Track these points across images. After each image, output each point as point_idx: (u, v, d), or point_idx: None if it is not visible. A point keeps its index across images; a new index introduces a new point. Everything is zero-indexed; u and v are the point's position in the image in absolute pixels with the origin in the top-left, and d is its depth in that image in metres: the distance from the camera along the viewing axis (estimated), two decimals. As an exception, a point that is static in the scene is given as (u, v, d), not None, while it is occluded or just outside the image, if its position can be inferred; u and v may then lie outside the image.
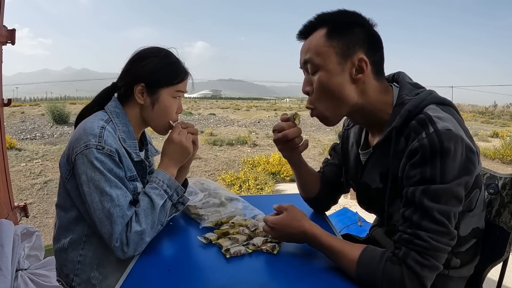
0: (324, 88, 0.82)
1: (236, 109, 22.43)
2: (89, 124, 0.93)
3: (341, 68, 0.81)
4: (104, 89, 1.07)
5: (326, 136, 10.54)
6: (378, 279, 0.72)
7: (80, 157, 0.89)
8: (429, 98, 0.79)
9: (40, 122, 12.65)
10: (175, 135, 1.02)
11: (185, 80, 1.05)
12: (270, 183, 4.87)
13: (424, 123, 0.73)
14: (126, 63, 1.04)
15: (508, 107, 39.11)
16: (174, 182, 1.00)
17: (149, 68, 1.00)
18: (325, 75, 0.82)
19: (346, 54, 0.80)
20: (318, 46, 0.82)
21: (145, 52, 1.04)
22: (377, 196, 0.90)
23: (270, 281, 0.79)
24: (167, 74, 1.02)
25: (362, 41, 0.81)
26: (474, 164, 0.73)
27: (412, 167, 0.73)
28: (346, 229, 2.00)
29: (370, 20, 0.84)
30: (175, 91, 1.03)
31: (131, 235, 0.88)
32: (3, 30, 1.99)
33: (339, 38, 0.80)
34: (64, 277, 1.01)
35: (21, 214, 2.25)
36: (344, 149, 1.06)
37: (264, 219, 0.91)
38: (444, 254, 0.71)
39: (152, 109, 1.02)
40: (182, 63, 1.06)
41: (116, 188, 0.90)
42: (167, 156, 1.02)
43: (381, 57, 0.85)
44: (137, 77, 1.00)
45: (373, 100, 0.84)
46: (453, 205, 0.71)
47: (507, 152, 6.90)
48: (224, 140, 8.46)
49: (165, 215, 0.97)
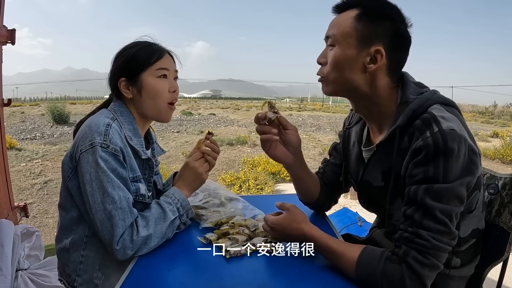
0: (335, 65, 0.84)
1: (236, 109, 22.43)
2: (94, 121, 0.93)
3: (356, 53, 0.81)
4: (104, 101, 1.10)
5: (326, 136, 10.54)
6: (378, 279, 0.72)
7: (85, 156, 0.89)
8: (433, 98, 0.79)
9: (40, 122, 12.64)
10: (191, 160, 1.05)
11: (164, 57, 1.03)
12: (270, 183, 4.87)
13: (429, 122, 0.73)
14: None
15: (508, 107, 39.10)
16: (188, 204, 1.01)
17: (124, 60, 1.01)
18: (340, 53, 0.83)
19: (366, 41, 0.81)
20: (343, 24, 0.83)
21: (119, 50, 1.05)
22: (378, 194, 0.90)
23: (270, 281, 0.79)
24: (141, 57, 1.01)
25: (387, 36, 0.80)
26: (476, 165, 0.73)
27: (415, 166, 0.73)
28: (346, 229, 2.00)
29: (406, 20, 0.83)
30: (156, 70, 1.01)
31: (138, 239, 0.87)
32: (3, 30, 1.99)
33: (366, 24, 0.81)
34: (66, 277, 1.01)
35: (21, 214, 2.25)
36: (345, 148, 1.06)
37: (265, 218, 0.91)
38: (444, 254, 0.71)
39: (141, 97, 1.01)
40: (157, 43, 1.06)
41: (118, 190, 0.89)
42: (182, 179, 1.05)
43: (402, 58, 0.85)
44: (116, 74, 1.02)
45: (381, 95, 0.84)
46: (454, 205, 0.71)
47: (507, 152, 6.90)
48: (224, 140, 8.45)
49: (172, 230, 0.97)
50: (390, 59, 0.82)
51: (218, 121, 14.78)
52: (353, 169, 1.02)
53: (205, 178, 1.06)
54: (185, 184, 1.04)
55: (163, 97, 1.02)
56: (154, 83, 1.01)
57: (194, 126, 12.70)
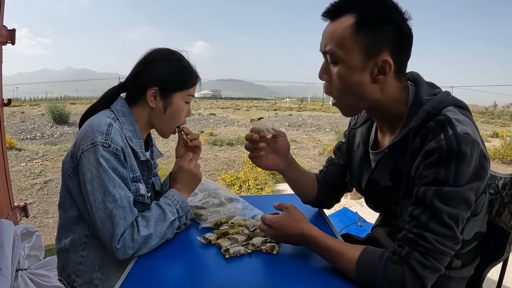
0: (343, 83, 0.79)
1: (236, 109, 22.42)
2: (96, 121, 0.93)
3: (363, 66, 0.77)
4: (110, 89, 1.06)
5: (326, 136, 10.53)
6: (378, 279, 0.72)
7: (86, 155, 0.89)
8: (447, 99, 0.78)
9: (40, 122, 12.64)
10: (185, 164, 1.06)
11: (196, 84, 1.07)
12: (270, 183, 4.87)
13: (443, 125, 0.72)
14: (137, 65, 1.04)
15: (508, 107, 39.11)
16: (187, 206, 1.02)
17: (163, 72, 1.00)
18: (345, 71, 0.78)
19: (371, 52, 0.75)
20: (343, 38, 0.76)
21: (158, 55, 1.03)
22: (385, 194, 0.89)
23: (269, 281, 0.79)
24: (181, 78, 1.02)
25: (390, 40, 0.75)
26: (486, 170, 0.73)
27: (426, 167, 0.72)
28: (346, 229, 2.00)
29: (405, 13, 0.77)
30: (187, 95, 1.05)
31: (139, 238, 0.88)
32: (3, 30, 1.99)
33: (367, 34, 0.75)
34: (65, 277, 1.01)
35: (21, 214, 2.25)
36: (349, 149, 1.05)
37: (262, 218, 0.90)
38: (447, 257, 0.71)
39: (164, 113, 1.03)
40: (194, 67, 1.07)
41: (119, 189, 0.89)
42: (179, 183, 1.06)
43: (408, 56, 0.81)
44: (150, 80, 1.00)
45: (391, 97, 0.82)
46: (462, 209, 0.70)
47: (507, 152, 6.90)
48: (224, 140, 8.45)
49: (172, 231, 0.97)
50: (398, 63, 0.78)
51: (218, 121, 14.78)
52: (356, 170, 1.02)
53: (200, 176, 1.09)
54: (182, 186, 1.06)
55: (180, 120, 1.07)
56: (181, 107, 1.04)
57: (194, 126, 12.70)
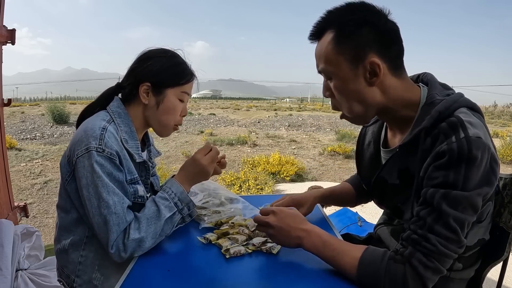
0: (343, 95, 0.82)
1: (236, 109, 22.42)
2: (90, 125, 0.93)
3: (354, 74, 0.78)
4: (107, 89, 1.06)
5: (326, 136, 10.53)
6: (381, 278, 0.72)
7: (81, 160, 0.89)
8: (460, 100, 0.78)
9: (40, 122, 12.64)
10: (199, 155, 1.01)
11: (191, 82, 1.06)
12: (270, 183, 4.87)
13: (455, 127, 0.71)
14: (132, 63, 1.04)
15: (508, 107, 39.10)
16: (187, 197, 0.99)
17: (155, 67, 1.00)
18: (340, 83, 0.80)
19: (357, 58, 0.77)
20: (327, 54, 0.79)
21: (152, 53, 1.04)
22: (392, 192, 0.89)
23: (269, 281, 0.79)
24: (174, 74, 1.02)
25: (372, 41, 0.76)
26: (496, 176, 0.72)
27: (436, 169, 0.72)
28: (346, 229, 1.99)
29: (382, 11, 0.78)
30: (181, 92, 1.03)
31: (128, 242, 0.87)
32: (3, 30, 1.99)
33: (347, 43, 0.77)
34: (65, 277, 1.01)
35: (21, 214, 2.25)
36: (359, 146, 1.06)
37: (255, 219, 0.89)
38: (449, 260, 0.71)
39: (156, 109, 1.02)
40: (189, 65, 1.06)
41: (113, 195, 0.89)
42: (185, 172, 1.02)
43: (398, 50, 0.80)
44: (142, 76, 1.00)
45: (396, 98, 0.81)
46: (469, 214, 0.70)
47: (507, 152, 6.90)
48: (224, 140, 8.46)
49: (171, 227, 0.96)
50: (389, 59, 0.78)
51: (218, 121, 14.78)
52: (365, 167, 1.03)
53: (209, 172, 1.02)
54: (186, 176, 1.01)
55: (174, 118, 1.04)
56: (174, 103, 1.02)
57: (194, 126, 12.71)
